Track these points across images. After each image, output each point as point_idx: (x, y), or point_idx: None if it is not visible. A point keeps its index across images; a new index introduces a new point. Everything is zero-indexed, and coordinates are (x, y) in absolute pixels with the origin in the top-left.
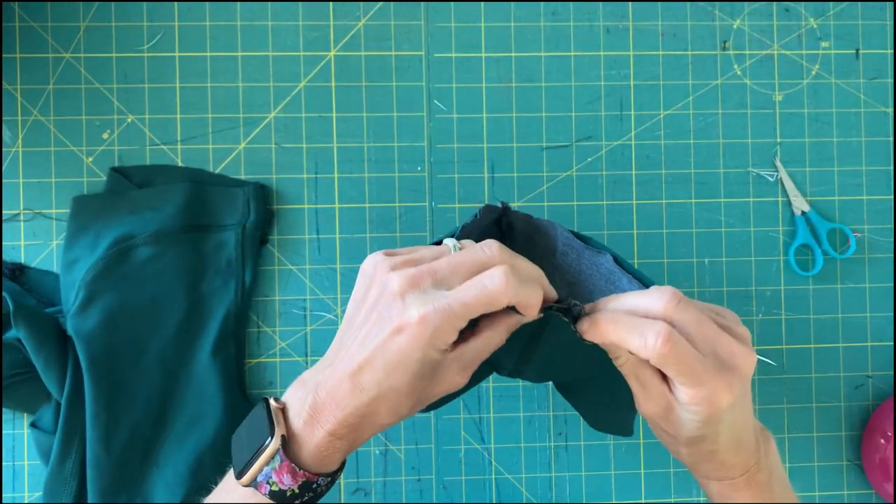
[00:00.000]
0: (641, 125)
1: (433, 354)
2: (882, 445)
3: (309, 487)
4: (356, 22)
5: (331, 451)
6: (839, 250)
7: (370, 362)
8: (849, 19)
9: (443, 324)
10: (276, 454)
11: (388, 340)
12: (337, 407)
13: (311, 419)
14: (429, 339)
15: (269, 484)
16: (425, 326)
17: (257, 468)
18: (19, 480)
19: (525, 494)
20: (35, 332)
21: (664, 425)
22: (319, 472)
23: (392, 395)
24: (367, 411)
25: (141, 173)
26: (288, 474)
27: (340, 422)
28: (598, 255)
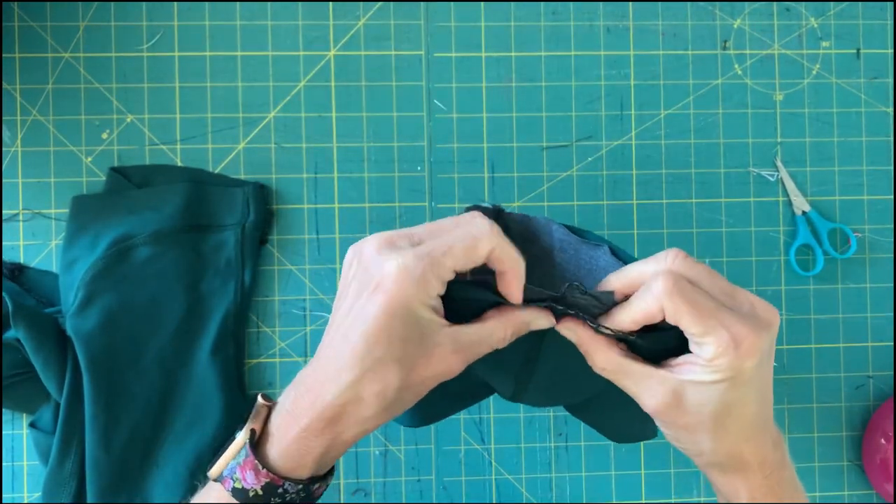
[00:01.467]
0: (642, 125)
1: (419, 311)
2: (883, 446)
3: (273, 491)
4: (356, 22)
5: (303, 452)
6: (840, 250)
7: (348, 335)
8: (849, 19)
9: (425, 270)
10: (243, 448)
11: (366, 304)
12: (316, 397)
13: (289, 414)
14: (411, 288)
15: (232, 480)
16: (406, 274)
17: (223, 462)
18: (18, 481)
19: (525, 495)
20: (34, 333)
21: (678, 415)
22: (288, 475)
23: (377, 369)
24: (350, 397)
25: (140, 173)
26: (251, 471)
27: (318, 414)
28: (595, 248)
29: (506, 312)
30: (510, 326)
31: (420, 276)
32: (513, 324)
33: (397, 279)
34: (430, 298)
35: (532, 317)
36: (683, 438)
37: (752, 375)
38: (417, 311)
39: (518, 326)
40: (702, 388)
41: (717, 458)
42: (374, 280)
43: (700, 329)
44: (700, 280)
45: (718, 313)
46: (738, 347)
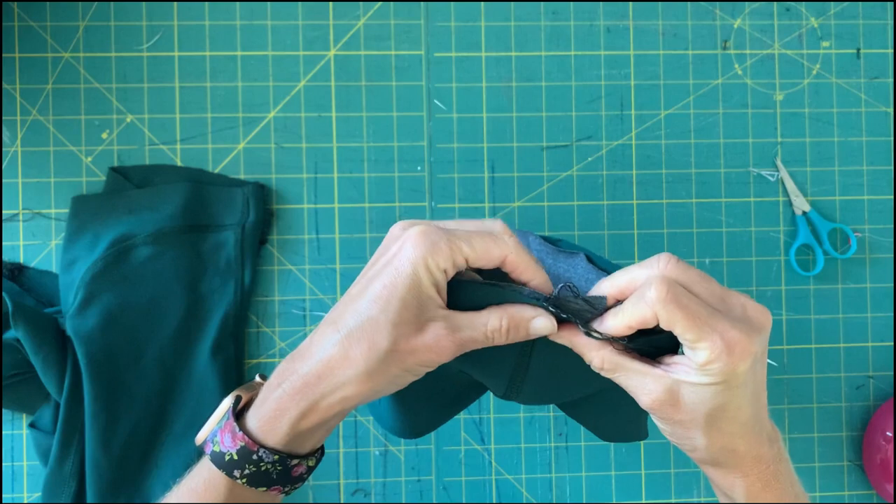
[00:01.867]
0: (642, 125)
1: (423, 278)
2: (883, 446)
3: (248, 456)
4: (356, 21)
5: (278, 413)
6: (840, 250)
7: (354, 297)
8: (849, 19)
9: (440, 240)
10: (226, 413)
11: (379, 272)
12: (304, 358)
13: (273, 380)
14: (423, 250)
15: (212, 443)
16: (424, 239)
17: (209, 427)
18: (18, 481)
19: (525, 495)
20: (34, 333)
21: (673, 412)
22: (263, 441)
23: (367, 327)
24: (336, 353)
25: (140, 173)
26: (228, 434)
27: (298, 373)
28: (572, 256)
29: (504, 305)
30: (506, 317)
31: (433, 244)
32: (509, 315)
33: (413, 241)
34: (437, 270)
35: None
36: (678, 434)
37: (746, 378)
38: (422, 282)
39: (515, 320)
40: (696, 389)
41: (711, 454)
42: (397, 244)
43: (693, 335)
44: (692, 284)
45: (711, 319)
46: (730, 352)
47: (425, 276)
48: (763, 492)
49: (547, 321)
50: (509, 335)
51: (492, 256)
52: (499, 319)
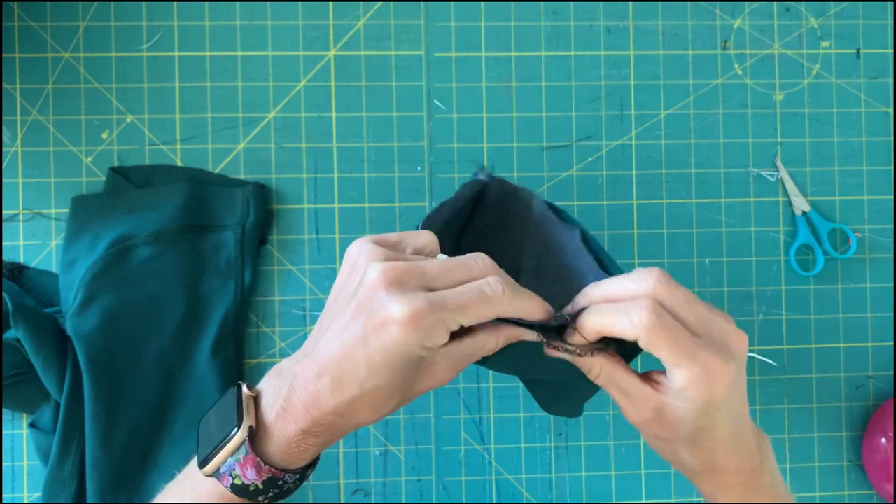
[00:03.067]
0: (642, 125)
1: (420, 353)
2: (883, 446)
3: (274, 484)
4: (356, 21)
5: (302, 448)
6: (840, 250)
7: (350, 359)
8: (849, 19)
9: (436, 324)
10: (242, 446)
11: (369, 336)
12: (313, 405)
13: (285, 412)
14: (418, 338)
15: (231, 476)
16: (416, 324)
17: (221, 459)
18: (19, 481)
19: (525, 495)
20: (34, 333)
21: (658, 429)
22: (287, 468)
23: (375, 393)
24: (347, 410)
25: (140, 173)
26: (252, 468)
27: (316, 420)
28: (570, 230)
29: (499, 326)
30: (502, 337)
31: (431, 327)
32: (504, 335)
33: (406, 328)
34: (434, 346)
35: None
36: (661, 448)
37: (723, 403)
38: (419, 355)
39: (510, 337)
40: (679, 411)
41: (693, 467)
42: (379, 318)
43: (673, 361)
44: (679, 308)
45: (693, 349)
46: (709, 380)
47: (423, 352)
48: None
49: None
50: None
51: (488, 317)
52: (495, 342)
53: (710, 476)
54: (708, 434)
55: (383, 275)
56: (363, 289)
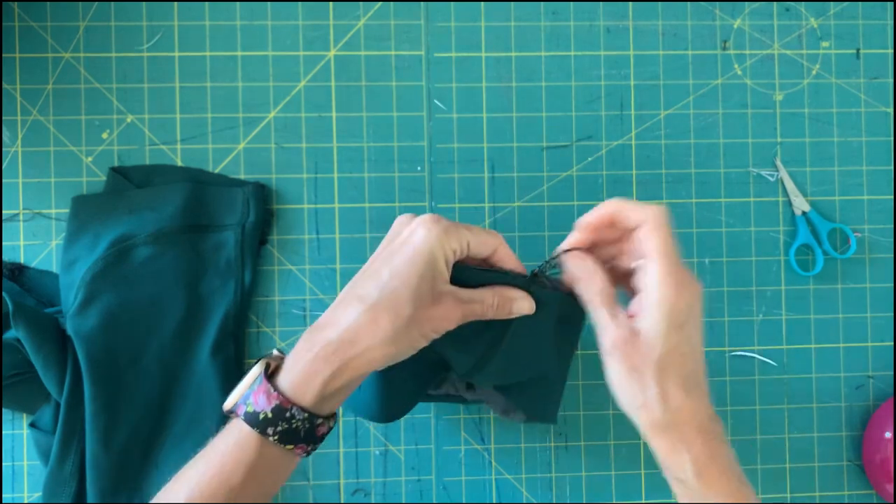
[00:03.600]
0: (641, 125)
1: (438, 258)
2: (883, 446)
3: (282, 415)
4: (356, 21)
5: (311, 374)
6: (840, 250)
7: (375, 273)
8: (849, 19)
9: (449, 227)
10: (258, 377)
11: (396, 250)
12: (331, 325)
13: (301, 347)
14: (436, 235)
15: (245, 405)
16: (436, 224)
17: (239, 392)
18: (19, 480)
19: (525, 495)
20: (34, 333)
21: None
22: (295, 399)
23: (392, 298)
24: (364, 322)
25: (140, 173)
26: (263, 394)
27: (330, 340)
28: None
29: (496, 286)
30: (497, 295)
31: (445, 228)
32: (500, 294)
33: (427, 226)
34: (448, 250)
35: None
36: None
37: (689, 317)
38: (437, 258)
39: (504, 298)
40: (651, 331)
41: (660, 412)
42: (409, 229)
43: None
44: None
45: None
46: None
47: (439, 254)
48: (709, 464)
49: (526, 303)
50: (497, 311)
51: (488, 245)
52: (492, 297)
53: (670, 429)
54: (675, 362)
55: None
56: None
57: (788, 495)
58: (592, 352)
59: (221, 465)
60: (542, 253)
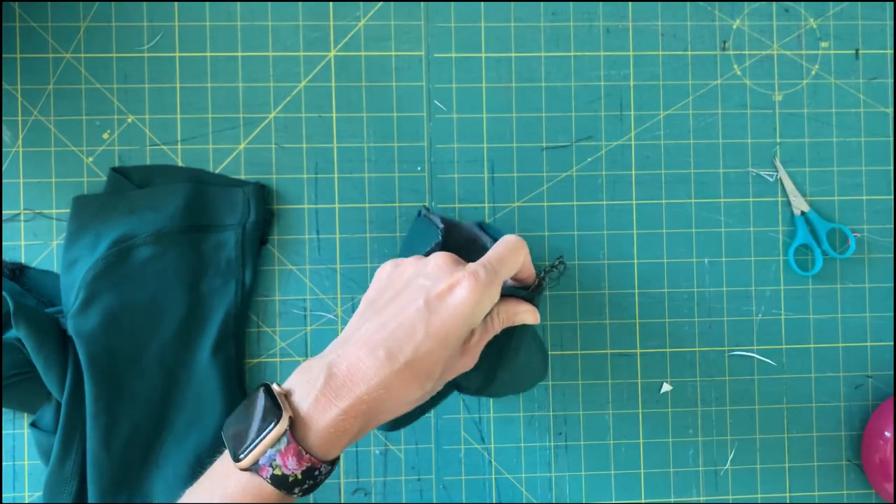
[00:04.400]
0: (641, 125)
1: (479, 319)
2: (882, 446)
3: (311, 474)
4: (356, 22)
5: (342, 433)
6: (839, 250)
7: (409, 327)
8: (848, 19)
9: (492, 282)
10: (283, 436)
11: (435, 306)
12: (360, 380)
13: (323, 398)
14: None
15: (271, 467)
16: (480, 285)
17: (261, 450)
18: (19, 480)
19: (525, 494)
20: (35, 332)
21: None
22: (324, 458)
23: (428, 360)
24: (396, 382)
25: (141, 173)
26: (294, 457)
27: (361, 396)
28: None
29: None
30: (502, 311)
31: (487, 285)
32: (504, 309)
33: (471, 286)
34: (491, 303)
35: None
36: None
37: None
38: (476, 321)
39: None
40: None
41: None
42: (445, 282)
43: None
44: None
45: None
46: None
47: (480, 316)
48: None
49: (531, 315)
50: (504, 324)
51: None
52: (498, 318)
53: None
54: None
55: (446, 256)
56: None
57: (788, 495)
58: (593, 352)
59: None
60: (542, 253)
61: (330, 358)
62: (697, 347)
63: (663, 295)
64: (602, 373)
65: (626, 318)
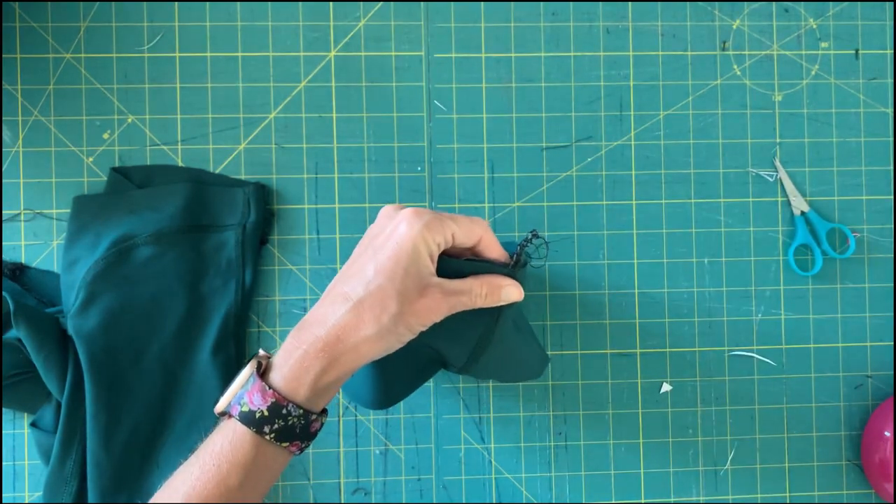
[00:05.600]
0: (641, 125)
1: (422, 253)
2: (881, 445)
3: (278, 412)
4: (356, 22)
5: (303, 371)
6: (839, 250)
7: (360, 270)
8: (848, 19)
9: (432, 219)
10: (251, 377)
11: (380, 246)
12: (318, 323)
13: (289, 345)
14: (421, 230)
15: (240, 405)
16: (419, 218)
17: (231, 392)
18: (19, 480)
19: (525, 494)
20: (35, 332)
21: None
22: (290, 396)
23: (377, 295)
24: (351, 318)
25: (141, 173)
26: (258, 393)
27: (318, 336)
28: None
29: (484, 275)
30: (485, 284)
31: (428, 221)
32: (487, 282)
33: (410, 220)
34: (432, 244)
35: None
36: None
37: None
38: (421, 253)
39: (492, 287)
40: None
41: None
42: (392, 224)
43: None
44: None
45: None
46: None
47: (423, 248)
48: None
49: (515, 290)
50: (487, 300)
51: (473, 234)
52: (480, 286)
53: None
54: None
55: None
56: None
57: (787, 495)
58: (592, 352)
59: (218, 467)
60: None
61: (304, 317)
62: (697, 347)
63: (663, 295)
64: (602, 373)
65: (626, 318)
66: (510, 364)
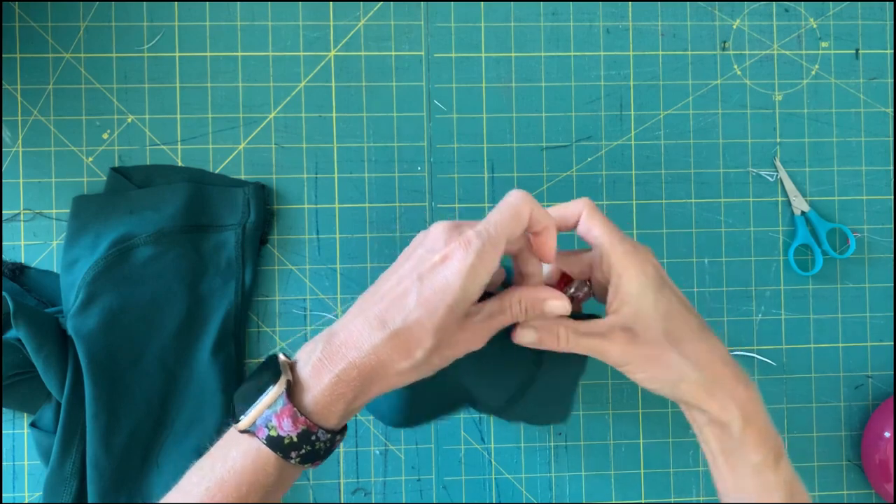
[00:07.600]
0: (641, 125)
1: (472, 291)
2: (882, 446)
3: (307, 438)
4: (356, 22)
5: (335, 398)
6: (839, 250)
7: (401, 297)
8: (848, 19)
9: (487, 252)
10: (280, 398)
11: (426, 274)
12: (353, 346)
13: (320, 364)
14: (474, 266)
15: (267, 428)
16: (473, 253)
17: (257, 412)
18: (19, 480)
19: (525, 494)
20: (35, 332)
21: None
22: (320, 423)
23: (415, 328)
24: (384, 349)
25: (141, 173)
26: (289, 419)
27: (352, 362)
28: None
29: (516, 288)
30: (523, 297)
31: (481, 255)
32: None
33: (462, 254)
34: (483, 279)
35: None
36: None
37: (660, 279)
38: (468, 292)
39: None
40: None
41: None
42: (443, 252)
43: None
44: None
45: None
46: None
47: (472, 288)
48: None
49: (559, 302)
50: (526, 314)
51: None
52: (518, 300)
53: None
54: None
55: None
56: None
57: None
58: None
59: (237, 486)
60: None
61: (333, 328)
62: None
63: None
64: (602, 373)
65: None
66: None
